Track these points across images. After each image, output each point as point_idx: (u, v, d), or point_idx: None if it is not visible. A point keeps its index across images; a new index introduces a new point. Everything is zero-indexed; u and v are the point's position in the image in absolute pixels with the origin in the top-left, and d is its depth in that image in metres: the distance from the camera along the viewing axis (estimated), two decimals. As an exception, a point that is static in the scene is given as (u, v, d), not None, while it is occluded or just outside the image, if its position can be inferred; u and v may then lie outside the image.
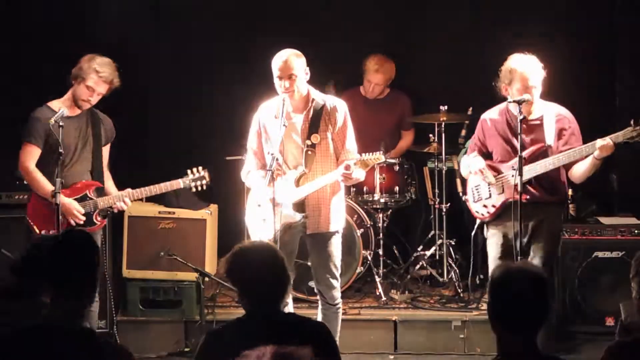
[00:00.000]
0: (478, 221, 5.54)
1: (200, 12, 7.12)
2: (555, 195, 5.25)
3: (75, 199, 5.31)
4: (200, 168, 5.51)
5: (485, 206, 5.34)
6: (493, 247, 5.31)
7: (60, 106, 5.27)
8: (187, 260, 6.07)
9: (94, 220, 5.37)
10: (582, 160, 5.09)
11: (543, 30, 6.65)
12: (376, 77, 6.92)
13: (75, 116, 5.37)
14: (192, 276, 6.09)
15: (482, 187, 5.35)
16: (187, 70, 7.19)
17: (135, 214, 6.36)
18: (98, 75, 5.29)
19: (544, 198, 5.20)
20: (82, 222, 5.29)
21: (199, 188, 5.52)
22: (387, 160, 5.21)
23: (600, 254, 5.98)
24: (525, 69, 5.07)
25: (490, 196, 5.31)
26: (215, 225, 6.57)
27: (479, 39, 6.87)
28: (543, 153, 5.15)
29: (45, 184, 5.24)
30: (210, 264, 6.54)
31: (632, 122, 4.97)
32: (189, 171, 5.50)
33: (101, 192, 5.43)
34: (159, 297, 6.26)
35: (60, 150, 5.07)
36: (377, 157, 5.01)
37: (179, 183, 5.48)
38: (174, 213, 6.39)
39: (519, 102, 5.02)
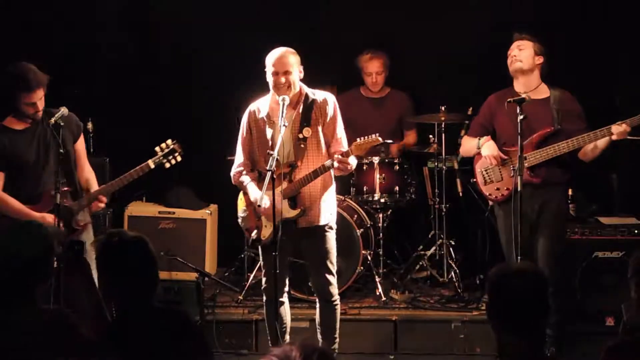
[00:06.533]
0: (490, 204, 5.70)
1: (199, 11, 7.12)
2: (565, 175, 5.40)
3: (49, 212, 5.03)
4: (169, 141, 5.21)
5: (498, 189, 5.45)
6: (503, 230, 5.44)
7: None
8: (187, 260, 6.07)
9: (73, 226, 5.09)
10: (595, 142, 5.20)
11: (543, 29, 6.64)
12: (372, 64, 6.91)
13: (28, 128, 5.13)
14: (192, 276, 6.09)
15: (493, 169, 5.45)
16: (185, 70, 7.19)
17: (135, 214, 6.37)
18: (25, 89, 5.00)
19: (554, 179, 5.34)
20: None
21: (172, 162, 5.19)
22: (385, 141, 5.12)
23: (600, 254, 5.98)
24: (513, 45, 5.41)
25: (502, 179, 5.43)
26: (215, 225, 6.58)
27: (479, 39, 6.86)
28: (554, 135, 5.27)
29: (13, 205, 5.05)
30: (210, 264, 6.54)
31: None
32: (157, 148, 5.19)
33: (75, 195, 5.18)
34: (158, 297, 6.25)
35: (61, 151, 4.94)
36: (374, 139, 4.98)
37: (148, 165, 5.15)
38: (174, 213, 6.40)
39: (519, 102, 5.05)
